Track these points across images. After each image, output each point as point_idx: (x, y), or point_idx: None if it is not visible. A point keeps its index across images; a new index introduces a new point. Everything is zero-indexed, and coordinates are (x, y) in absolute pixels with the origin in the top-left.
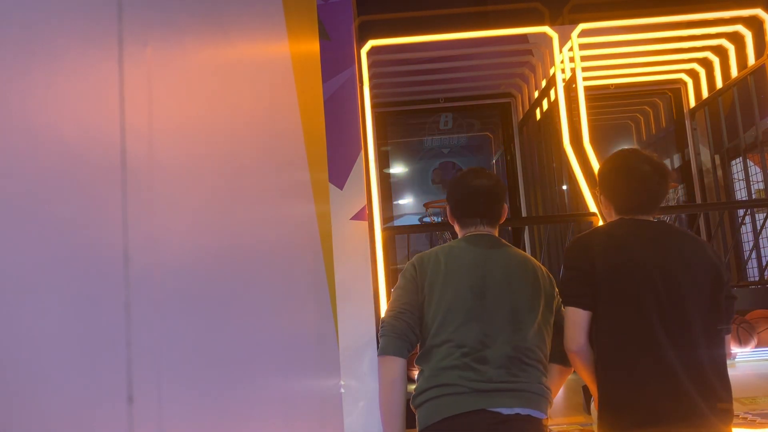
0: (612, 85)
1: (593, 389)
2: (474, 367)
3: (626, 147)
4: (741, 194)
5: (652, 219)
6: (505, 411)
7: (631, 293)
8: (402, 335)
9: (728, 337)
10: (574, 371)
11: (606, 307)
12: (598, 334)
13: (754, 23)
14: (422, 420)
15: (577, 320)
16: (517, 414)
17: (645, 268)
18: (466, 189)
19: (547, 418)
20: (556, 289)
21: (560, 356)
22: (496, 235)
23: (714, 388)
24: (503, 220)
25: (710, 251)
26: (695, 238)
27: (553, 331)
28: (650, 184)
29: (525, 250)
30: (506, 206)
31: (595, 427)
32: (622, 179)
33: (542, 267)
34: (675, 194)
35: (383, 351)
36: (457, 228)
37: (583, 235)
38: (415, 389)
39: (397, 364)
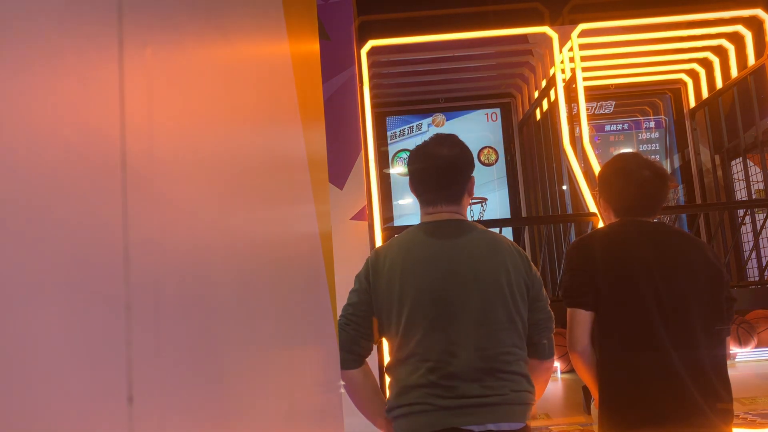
0: (612, 85)
1: (594, 390)
2: (443, 384)
3: (627, 150)
4: (741, 194)
5: (652, 220)
6: (477, 428)
7: (632, 293)
8: (345, 347)
9: (728, 338)
10: (573, 371)
11: (607, 307)
12: (600, 335)
13: (754, 23)
14: None
15: (580, 321)
16: (489, 431)
17: (646, 269)
18: (425, 158)
19: (528, 423)
20: (535, 274)
21: (537, 349)
22: (464, 213)
23: (715, 388)
24: (472, 196)
25: (710, 252)
26: (695, 239)
27: (530, 324)
28: (650, 189)
29: (525, 251)
30: (473, 180)
31: (595, 428)
32: (622, 183)
33: (517, 249)
34: (674, 194)
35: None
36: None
37: (585, 237)
38: (387, 402)
39: (349, 375)
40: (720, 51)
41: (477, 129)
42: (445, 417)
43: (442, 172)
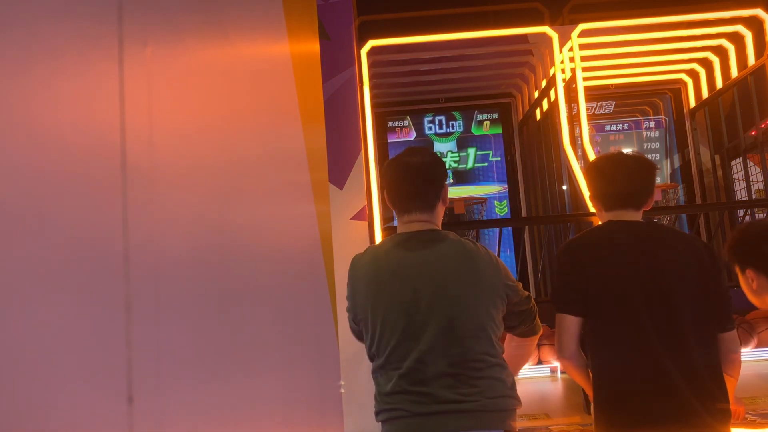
0: (612, 85)
1: (589, 390)
2: (416, 390)
3: (626, 150)
4: (741, 194)
5: (641, 219)
6: None
7: (621, 297)
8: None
9: (733, 333)
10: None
11: (597, 311)
12: (591, 338)
13: (754, 23)
14: None
15: (567, 327)
16: None
17: (634, 269)
18: (397, 167)
19: (511, 428)
20: (511, 279)
21: (525, 330)
22: (437, 222)
23: (708, 387)
24: (446, 204)
25: (704, 251)
26: (689, 237)
27: (519, 315)
28: (634, 171)
29: (525, 250)
30: (447, 188)
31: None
32: (606, 169)
33: (488, 254)
34: (674, 194)
35: None
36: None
37: (573, 240)
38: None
39: None
40: (720, 51)
41: None
42: (421, 423)
43: (413, 180)
